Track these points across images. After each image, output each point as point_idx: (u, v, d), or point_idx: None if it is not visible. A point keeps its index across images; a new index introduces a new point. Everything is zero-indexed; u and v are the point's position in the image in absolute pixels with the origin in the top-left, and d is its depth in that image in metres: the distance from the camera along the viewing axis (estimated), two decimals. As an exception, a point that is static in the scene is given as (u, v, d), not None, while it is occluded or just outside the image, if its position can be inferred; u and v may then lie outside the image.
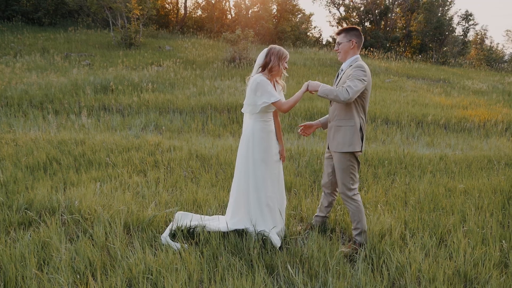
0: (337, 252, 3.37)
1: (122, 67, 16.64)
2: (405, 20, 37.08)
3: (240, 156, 3.90)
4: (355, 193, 3.72)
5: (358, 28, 3.70)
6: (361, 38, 3.67)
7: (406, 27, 36.28)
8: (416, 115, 11.72)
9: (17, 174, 5.33)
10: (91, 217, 4.07)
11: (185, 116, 10.68)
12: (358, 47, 3.67)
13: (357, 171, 3.74)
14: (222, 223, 3.87)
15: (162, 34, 28.21)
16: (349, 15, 37.80)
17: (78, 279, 3.02)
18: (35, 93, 11.31)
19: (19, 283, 2.99)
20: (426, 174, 6.22)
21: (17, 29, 24.16)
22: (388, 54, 29.29)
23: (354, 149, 3.59)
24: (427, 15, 33.21)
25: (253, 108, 3.74)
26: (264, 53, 3.80)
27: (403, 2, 36.32)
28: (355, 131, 3.59)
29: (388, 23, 36.79)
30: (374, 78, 18.94)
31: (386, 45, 33.77)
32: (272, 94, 3.65)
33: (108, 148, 6.71)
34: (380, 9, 35.82)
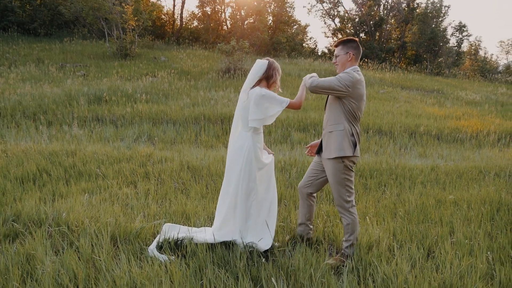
0: (322, 264, 3.36)
1: (117, 77, 16.66)
2: (400, 31, 37.39)
3: (232, 169, 3.91)
4: (352, 205, 3.71)
5: (356, 39, 3.71)
6: (358, 49, 3.68)
7: (401, 38, 36.57)
8: (409, 126, 11.77)
9: (6, 186, 5.31)
10: (78, 229, 4.05)
11: (178, 127, 10.68)
12: (356, 59, 3.68)
13: (352, 183, 3.72)
14: (209, 235, 3.86)
15: (157, 45, 28.31)
16: (344, 26, 38.10)
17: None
18: (28, 104, 11.30)
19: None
20: (417, 185, 6.24)
21: (12, 39, 24.20)
22: (383, 65, 29.49)
23: (345, 153, 3.56)
24: (421, 26, 33.51)
25: (264, 120, 3.82)
26: (263, 67, 3.87)
27: (397, 14, 36.65)
28: (344, 135, 3.59)
29: (382, 34, 37.08)
30: (368, 89, 19.03)
31: (381, 56, 34.00)
32: (282, 100, 3.79)
33: (99, 159, 6.70)
34: (374, 20, 36.12)
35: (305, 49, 38.78)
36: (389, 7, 36.77)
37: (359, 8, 37.20)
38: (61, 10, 25.60)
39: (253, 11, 34.03)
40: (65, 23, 29.12)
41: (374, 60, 31.72)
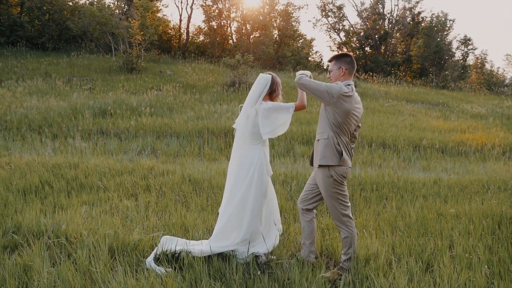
0: (318, 277, 3.35)
1: (122, 91, 16.82)
2: (405, 45, 37.51)
3: (241, 182, 3.94)
4: (348, 219, 3.69)
5: (350, 54, 3.74)
6: (351, 64, 3.69)
7: (406, 52, 36.66)
8: (413, 139, 11.74)
9: (8, 197, 5.36)
10: (77, 240, 4.07)
11: (182, 140, 10.73)
12: (350, 74, 3.69)
13: (346, 196, 3.70)
14: (205, 247, 3.87)
15: (163, 59, 28.59)
16: (349, 40, 38.29)
17: (56, 303, 3.01)
18: (34, 117, 11.42)
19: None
20: (418, 199, 6.21)
21: (21, 54, 24.56)
22: (388, 78, 29.54)
23: (326, 162, 3.57)
24: (426, 40, 33.59)
25: (276, 131, 3.94)
26: (268, 82, 3.96)
27: (402, 28, 36.82)
28: (327, 144, 3.60)
29: (388, 47, 37.21)
30: (373, 103, 19.05)
31: (386, 69, 34.07)
32: (288, 106, 3.91)
33: (101, 172, 6.75)
34: (379, 34, 36.29)
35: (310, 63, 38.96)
36: (394, 21, 36.97)
37: (364, 22, 37.43)
38: (69, 25, 25.99)
39: (259, 26, 34.34)
40: (73, 38, 29.54)
41: (379, 74, 31.78)
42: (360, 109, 3.71)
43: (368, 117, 14.80)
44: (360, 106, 3.71)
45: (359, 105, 3.69)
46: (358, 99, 3.72)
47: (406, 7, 36.59)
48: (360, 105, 3.72)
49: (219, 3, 35.03)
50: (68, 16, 28.25)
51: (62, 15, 28.39)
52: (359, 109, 3.69)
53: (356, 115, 3.66)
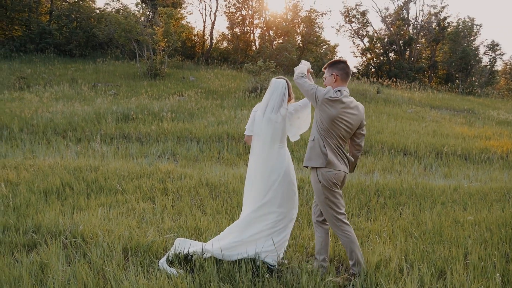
0: (325, 281, 3.34)
1: (145, 96, 17.12)
2: (430, 50, 36.97)
3: (280, 185, 3.99)
4: (342, 224, 3.65)
5: (343, 60, 3.74)
6: (344, 70, 3.69)
7: (431, 58, 36.12)
8: (436, 146, 11.55)
9: (30, 199, 5.53)
10: (93, 241, 4.17)
11: (202, 144, 10.85)
12: (342, 80, 3.70)
13: (339, 201, 3.65)
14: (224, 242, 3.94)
15: (187, 65, 28.96)
16: (372, 46, 37.96)
17: (68, 300, 3.10)
18: (59, 122, 11.75)
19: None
20: (437, 206, 6.11)
21: (49, 60, 25.29)
22: (412, 84, 29.15)
23: (312, 164, 3.61)
24: (452, 45, 33.05)
25: (301, 128, 4.15)
26: (285, 87, 4.06)
27: (427, 33, 36.31)
28: (313, 146, 3.64)
29: (412, 53, 36.73)
30: (396, 108, 18.83)
31: (410, 75, 33.62)
32: (305, 103, 4.06)
33: (120, 175, 6.89)
34: (404, 39, 35.87)
35: (333, 69, 38.69)
36: (419, 27, 36.49)
37: (388, 28, 37.07)
38: (96, 32, 26.64)
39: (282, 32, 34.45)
40: (99, 45, 30.26)
41: (403, 80, 31.39)
42: (354, 116, 3.64)
43: (390, 123, 14.64)
44: (355, 112, 3.65)
45: (352, 111, 3.63)
46: (354, 104, 3.67)
47: (431, 12, 36.08)
48: (355, 111, 3.65)
49: (242, 10, 35.35)
50: (94, 24, 28.98)
51: (89, 23, 29.14)
52: (352, 115, 3.62)
53: (346, 120, 3.60)
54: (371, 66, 38.88)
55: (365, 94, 21.73)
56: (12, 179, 6.42)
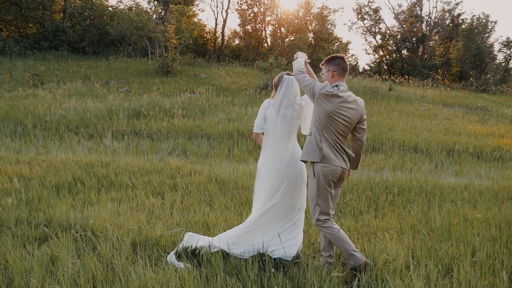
0: (330, 276, 3.36)
1: (157, 93, 17.24)
2: (444, 47, 36.58)
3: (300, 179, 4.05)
4: (324, 220, 3.66)
5: (340, 56, 3.74)
6: (340, 66, 3.70)
7: (445, 55, 35.74)
8: (447, 144, 11.45)
9: (42, 193, 5.63)
10: (102, 234, 4.24)
11: (212, 141, 10.91)
12: (339, 75, 3.70)
13: (327, 202, 3.65)
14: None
15: (198, 62, 29.06)
16: (385, 43, 37.69)
17: (77, 292, 3.17)
18: (72, 118, 11.90)
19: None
20: (446, 203, 6.08)
21: (62, 57, 25.58)
22: (425, 81, 28.89)
23: (308, 158, 3.66)
24: (466, 42, 32.64)
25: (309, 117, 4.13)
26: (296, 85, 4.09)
27: (441, 30, 35.92)
28: (310, 140, 3.69)
29: (425, 50, 36.38)
30: (408, 106, 18.70)
31: (423, 72, 33.31)
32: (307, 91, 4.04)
33: (130, 170, 6.97)
34: (417, 36, 35.54)
35: (345, 66, 38.51)
36: (432, 24, 36.11)
37: (401, 25, 36.76)
38: (108, 29, 26.87)
39: (294, 29, 34.36)
40: (112, 42, 30.53)
41: (416, 77, 31.11)
42: (353, 110, 3.64)
43: (402, 121, 14.55)
44: (353, 107, 3.64)
45: (350, 105, 3.63)
46: (352, 99, 3.67)
47: (445, 9, 35.65)
48: (353, 105, 3.65)
49: (254, 7, 35.33)
50: (107, 21, 29.24)
51: (102, 20, 29.42)
52: (350, 110, 3.62)
53: (344, 115, 3.60)
54: (383, 64, 38.61)
55: (377, 92, 21.61)
56: (25, 174, 6.54)
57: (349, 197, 6.07)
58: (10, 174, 6.50)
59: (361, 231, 4.79)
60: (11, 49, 25.69)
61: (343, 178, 3.78)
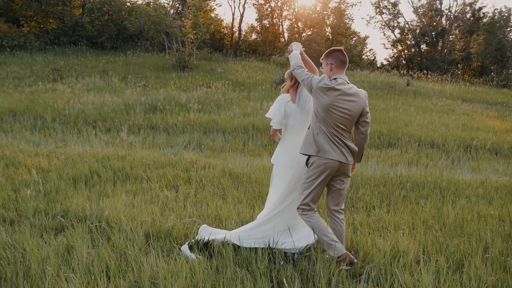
0: (338, 269, 3.39)
1: (173, 88, 17.39)
2: (464, 42, 35.94)
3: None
4: (303, 209, 3.71)
5: (338, 49, 3.73)
6: (338, 58, 3.68)
7: (465, 49, 35.13)
8: (465, 139, 11.31)
9: (60, 185, 5.77)
10: (117, 226, 4.34)
11: (227, 135, 10.98)
12: (338, 68, 3.69)
13: (314, 195, 3.69)
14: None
15: (215, 57, 29.16)
16: (404, 38, 37.20)
17: (92, 280, 3.25)
18: (90, 112, 12.10)
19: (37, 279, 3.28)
20: (460, 200, 6.02)
21: (81, 52, 25.95)
22: (444, 76, 28.46)
23: (305, 151, 3.70)
24: (487, 36, 32.00)
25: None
26: None
27: (461, 24, 35.29)
28: (308, 134, 3.73)
29: (445, 45, 35.80)
30: (426, 101, 18.48)
31: (443, 67, 32.80)
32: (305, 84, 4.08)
33: (146, 163, 7.08)
34: (436, 31, 34.98)
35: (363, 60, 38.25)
36: (452, 18, 35.51)
37: (420, 19, 36.23)
38: (126, 24, 27.15)
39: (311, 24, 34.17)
40: (130, 37, 30.83)
41: (435, 72, 30.66)
42: (353, 103, 3.61)
43: (419, 116, 14.40)
44: (353, 99, 3.61)
45: (350, 98, 3.61)
46: (352, 91, 3.63)
47: (466, 2, 35.02)
48: (354, 98, 3.62)
49: (271, 1, 35.22)
50: (125, 16, 29.53)
51: (120, 16, 29.72)
52: (350, 103, 3.60)
53: (344, 107, 3.59)
54: (401, 58, 38.14)
55: (394, 87, 21.39)
56: (43, 166, 6.70)
57: (362, 192, 6.06)
58: (30, 166, 6.66)
59: (372, 226, 4.79)
60: (32, 44, 26.17)
61: (345, 172, 3.76)
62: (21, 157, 7.24)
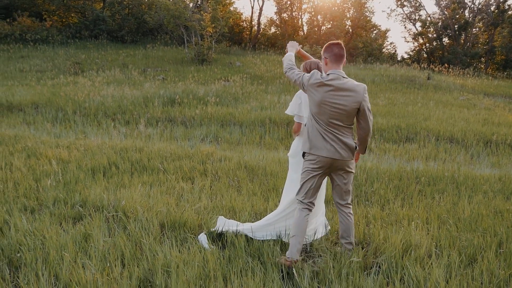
0: (349, 261, 3.42)
1: (192, 81, 17.51)
2: (488, 35, 35.16)
3: None
4: (298, 202, 3.75)
5: (336, 42, 3.67)
6: (332, 53, 3.62)
7: (489, 42, 34.36)
8: (485, 134, 11.11)
9: (79, 175, 5.92)
10: (133, 215, 4.44)
11: (244, 128, 11.03)
12: (332, 62, 3.63)
13: (307, 190, 3.70)
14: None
15: (234, 51, 29.21)
16: (425, 31, 36.58)
17: (107, 266, 3.36)
18: (109, 105, 12.30)
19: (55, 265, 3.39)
20: (477, 195, 5.96)
21: (102, 46, 26.32)
22: (466, 70, 27.93)
23: (302, 148, 3.77)
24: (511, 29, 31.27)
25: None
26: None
27: (485, 16, 34.51)
28: (303, 132, 3.82)
29: (468, 38, 35.08)
30: (446, 96, 18.19)
31: (465, 61, 32.17)
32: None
33: (163, 155, 7.19)
34: (459, 23, 34.28)
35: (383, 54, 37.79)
36: (476, 10, 34.73)
37: (443, 12, 35.55)
38: (146, 18, 27.40)
39: (331, 17, 33.90)
40: (149, 31, 31.12)
41: (457, 66, 30.11)
42: (348, 97, 3.55)
43: (438, 110, 14.20)
44: (348, 94, 3.54)
45: (344, 93, 3.52)
46: (347, 86, 3.56)
47: (490, -6, 34.22)
48: (348, 93, 3.55)
49: (291, -6, 35.06)
50: (145, 10, 29.79)
51: (140, 9, 30.01)
52: (344, 97, 3.55)
53: (337, 103, 3.55)
54: (423, 52, 37.55)
55: (414, 81, 21.10)
56: (64, 158, 6.87)
57: (377, 186, 6.05)
58: (50, 157, 6.84)
59: (386, 220, 4.79)
60: (54, 38, 26.66)
61: (343, 168, 3.70)
62: (42, 148, 7.44)
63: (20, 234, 3.91)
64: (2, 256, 3.62)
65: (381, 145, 9.80)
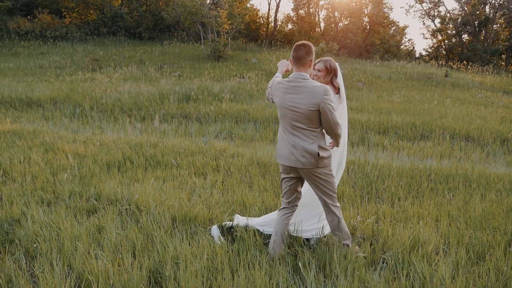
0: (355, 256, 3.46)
1: (207, 78, 17.64)
2: (509, 31, 34.49)
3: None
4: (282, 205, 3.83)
5: (298, 43, 3.56)
6: (292, 55, 3.55)
7: (510, 39, 33.71)
8: (502, 133, 10.97)
9: (95, 170, 6.06)
10: (146, 209, 4.55)
11: (258, 125, 11.09)
12: (294, 64, 3.55)
13: (283, 189, 3.79)
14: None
15: (250, 47, 29.26)
16: (444, 27, 36.06)
17: (118, 257, 3.46)
18: (126, 101, 12.49)
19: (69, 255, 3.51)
20: (490, 193, 5.92)
21: (120, 43, 26.65)
22: (486, 67, 27.48)
23: None
24: (533, 26, 30.66)
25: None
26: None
27: (506, 12, 33.85)
28: None
29: (488, 34, 34.48)
30: (464, 93, 17.97)
31: (485, 58, 31.64)
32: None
33: (176, 151, 7.30)
34: (479, 20, 33.71)
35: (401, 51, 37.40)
36: (497, 6, 34.09)
37: (462, 8, 34.99)
38: (163, 15, 27.64)
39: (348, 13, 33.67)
40: (167, 28, 31.39)
41: (476, 63, 29.64)
42: (301, 99, 3.43)
43: (455, 108, 14.05)
44: (302, 96, 3.42)
45: (298, 95, 3.45)
46: (301, 87, 3.44)
47: (512, -10, 33.54)
48: (301, 95, 3.42)
49: (308, -10, 34.92)
50: (163, 7, 30.06)
51: (157, 6, 30.29)
52: (297, 99, 3.44)
53: (290, 105, 3.48)
54: (441, 49, 37.04)
55: (432, 78, 20.88)
56: (80, 152, 7.03)
57: (388, 183, 6.05)
58: (67, 151, 7.01)
59: (396, 217, 4.81)
60: (73, 35, 27.11)
61: (306, 174, 3.58)
62: (59, 143, 7.62)
63: (37, 225, 4.05)
64: (19, 246, 3.76)
65: (395, 143, 9.75)
